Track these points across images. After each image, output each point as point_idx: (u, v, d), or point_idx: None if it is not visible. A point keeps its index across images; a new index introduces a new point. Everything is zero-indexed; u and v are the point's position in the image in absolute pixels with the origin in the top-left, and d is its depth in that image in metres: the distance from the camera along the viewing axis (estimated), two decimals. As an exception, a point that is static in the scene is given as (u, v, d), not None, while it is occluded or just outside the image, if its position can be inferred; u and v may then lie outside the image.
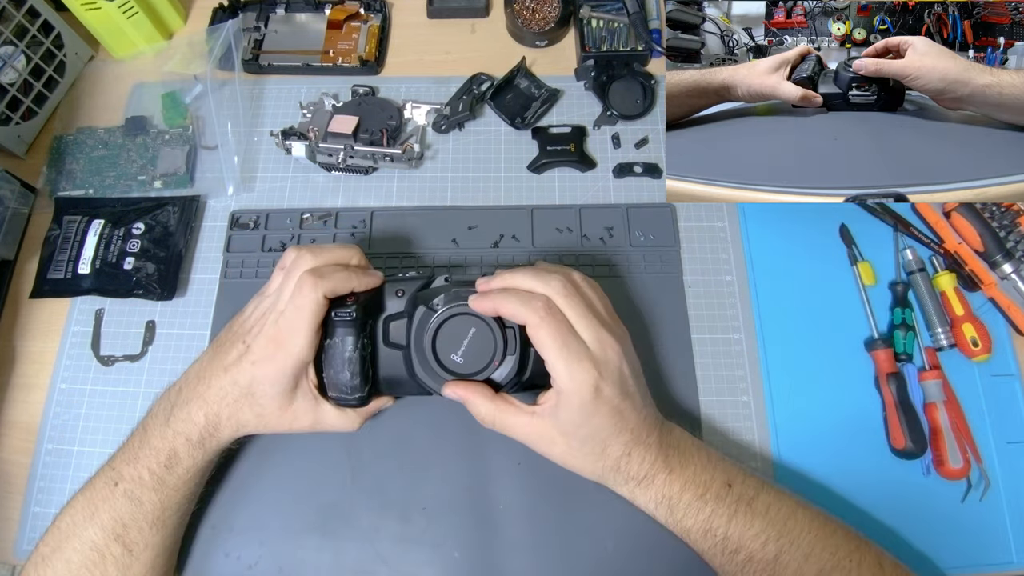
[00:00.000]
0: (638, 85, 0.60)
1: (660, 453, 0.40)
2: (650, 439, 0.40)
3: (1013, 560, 0.46)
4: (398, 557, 0.46)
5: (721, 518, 0.39)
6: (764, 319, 0.53)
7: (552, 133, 0.59)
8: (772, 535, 0.39)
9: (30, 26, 0.57)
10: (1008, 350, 0.52)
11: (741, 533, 0.39)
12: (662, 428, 0.41)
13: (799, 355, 0.51)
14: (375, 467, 0.48)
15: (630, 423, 0.39)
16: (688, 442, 0.42)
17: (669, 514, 0.40)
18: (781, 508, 0.40)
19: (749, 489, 0.40)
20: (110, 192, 0.58)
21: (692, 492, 0.40)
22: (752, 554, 0.39)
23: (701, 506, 0.39)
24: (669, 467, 0.40)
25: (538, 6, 0.64)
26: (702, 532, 0.40)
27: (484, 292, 0.40)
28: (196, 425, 0.40)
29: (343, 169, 0.58)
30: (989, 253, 0.52)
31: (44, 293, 0.53)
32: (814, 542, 0.39)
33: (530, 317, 0.37)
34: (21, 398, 0.52)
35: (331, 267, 0.41)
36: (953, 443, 0.47)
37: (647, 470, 0.40)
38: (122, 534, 0.39)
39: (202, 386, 0.41)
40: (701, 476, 0.40)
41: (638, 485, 0.40)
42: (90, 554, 0.38)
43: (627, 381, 0.39)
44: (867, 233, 0.55)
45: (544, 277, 0.40)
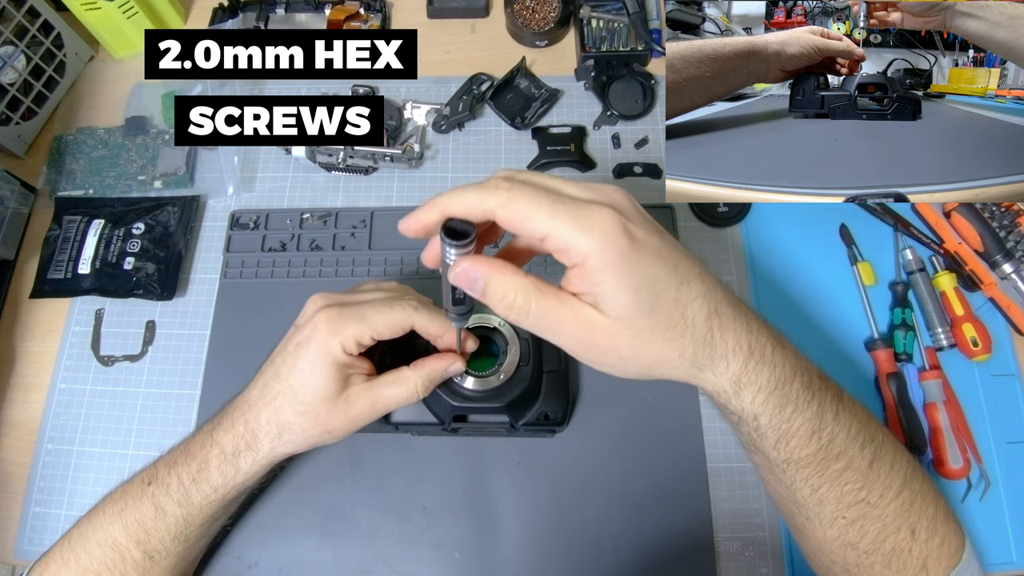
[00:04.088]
0: (638, 85, 0.60)
1: (751, 316, 0.31)
2: (728, 294, 0.30)
3: (1013, 560, 0.46)
4: (398, 557, 0.46)
5: (828, 414, 0.31)
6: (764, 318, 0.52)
7: (552, 133, 0.59)
8: (867, 436, 0.33)
9: (30, 26, 0.57)
10: (1008, 350, 0.52)
11: (845, 434, 0.32)
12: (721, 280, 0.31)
13: (799, 355, 0.51)
14: (375, 467, 0.48)
15: (693, 267, 0.29)
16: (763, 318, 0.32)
17: (779, 409, 0.31)
18: (858, 405, 0.34)
19: (831, 382, 0.33)
20: (110, 192, 0.58)
21: (801, 379, 0.31)
22: (852, 460, 0.32)
23: (809, 398, 0.31)
24: (770, 338, 0.31)
25: (538, 6, 0.64)
26: (810, 432, 0.31)
27: (416, 211, 0.30)
28: (234, 435, 0.37)
29: (343, 169, 0.58)
30: (989, 253, 0.52)
31: (44, 293, 0.53)
32: (894, 446, 0.34)
33: (494, 196, 0.28)
34: (21, 398, 0.52)
35: None
36: (953, 443, 0.47)
37: (747, 339, 0.30)
38: (144, 541, 0.38)
39: (250, 389, 0.38)
40: (799, 360, 0.31)
41: (744, 365, 0.30)
42: (111, 553, 0.38)
43: (652, 222, 0.30)
44: (867, 233, 0.55)
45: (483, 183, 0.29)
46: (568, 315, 0.28)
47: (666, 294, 0.28)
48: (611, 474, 0.47)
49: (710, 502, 0.47)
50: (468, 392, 0.41)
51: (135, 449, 0.50)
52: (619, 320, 0.28)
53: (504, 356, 0.42)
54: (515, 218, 0.28)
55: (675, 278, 0.28)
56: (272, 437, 0.37)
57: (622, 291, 0.27)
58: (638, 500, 0.47)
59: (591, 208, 0.27)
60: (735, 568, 0.46)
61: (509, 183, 0.28)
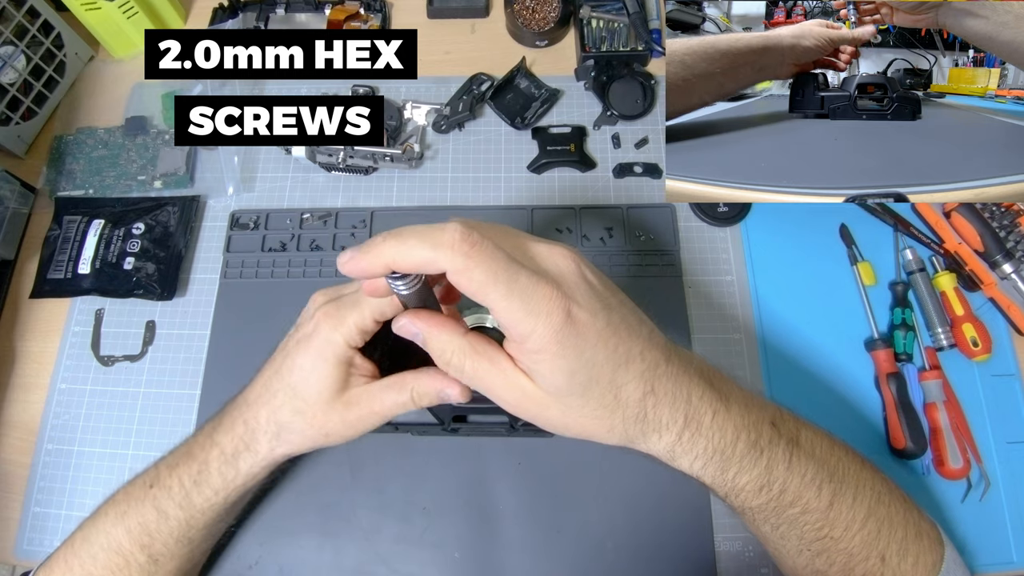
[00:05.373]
0: (638, 85, 0.60)
1: (692, 386, 0.30)
2: (670, 367, 0.30)
3: (1013, 560, 0.46)
4: (398, 557, 0.46)
5: (779, 466, 0.32)
6: (764, 319, 0.53)
7: (552, 133, 0.59)
8: (824, 477, 0.33)
9: (30, 26, 0.57)
10: (1008, 350, 0.52)
11: (799, 481, 0.32)
12: (677, 351, 0.31)
13: (799, 355, 0.51)
14: (375, 467, 0.48)
15: (635, 346, 0.29)
16: (711, 368, 0.32)
17: (721, 472, 0.31)
18: (820, 442, 0.34)
19: (790, 424, 0.33)
20: (110, 192, 0.58)
21: (746, 438, 0.31)
22: (808, 504, 0.32)
23: (756, 456, 0.31)
24: (712, 406, 0.30)
25: (538, 6, 0.64)
26: (757, 488, 0.32)
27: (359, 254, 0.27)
28: (234, 435, 0.37)
29: (343, 169, 0.58)
30: (989, 253, 0.52)
31: (44, 293, 0.54)
32: (856, 478, 0.34)
33: (450, 259, 0.26)
34: (21, 398, 0.52)
35: None
36: (953, 443, 0.47)
37: (684, 411, 0.30)
38: (148, 544, 0.38)
39: (250, 388, 0.38)
40: (748, 415, 0.31)
41: (679, 437, 0.30)
42: (115, 557, 0.38)
43: (600, 292, 0.29)
44: (867, 233, 0.55)
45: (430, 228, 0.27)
46: (500, 380, 0.29)
47: (601, 376, 0.28)
48: (610, 474, 0.47)
49: (710, 501, 0.47)
50: None
51: (135, 449, 0.50)
52: (550, 395, 0.29)
53: None
54: (468, 287, 0.26)
55: (613, 360, 0.28)
56: (270, 436, 0.36)
57: (555, 373, 0.28)
58: (638, 499, 0.47)
59: (539, 286, 0.27)
60: (735, 568, 0.45)
61: (468, 244, 0.26)
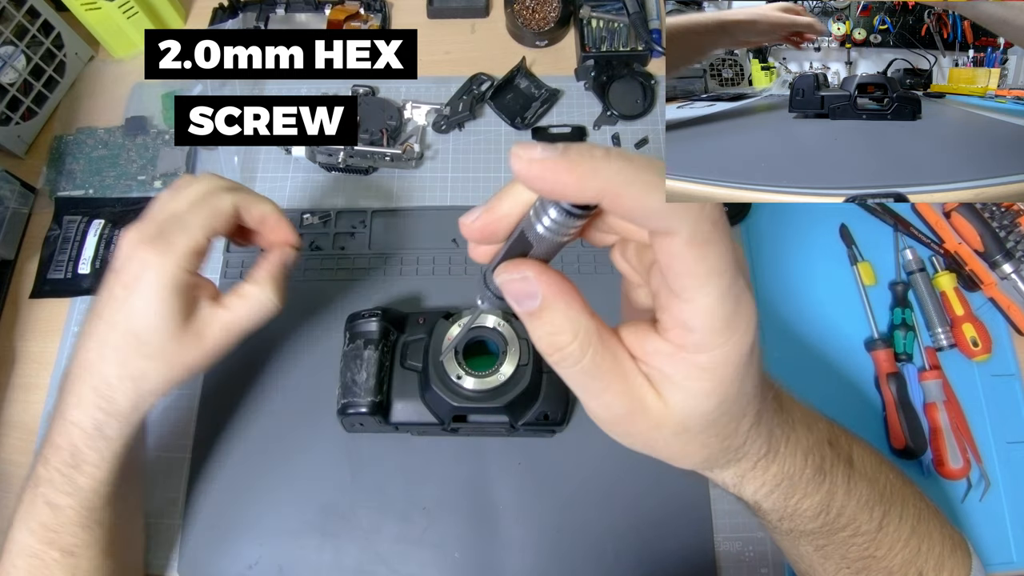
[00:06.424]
0: (638, 85, 0.60)
1: (778, 415, 0.27)
2: (768, 394, 0.26)
3: (1013, 560, 0.46)
4: (398, 557, 0.46)
5: (840, 491, 0.29)
6: (764, 319, 0.52)
7: (552, 133, 0.59)
8: (876, 499, 0.30)
9: (30, 26, 0.57)
10: (1008, 350, 0.52)
11: (855, 504, 0.29)
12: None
13: (799, 355, 0.51)
14: (375, 467, 0.48)
15: (766, 380, 0.25)
16: (778, 386, 0.28)
17: (784, 499, 0.28)
18: (869, 460, 0.31)
19: (843, 442, 0.30)
20: (110, 192, 0.58)
21: (812, 462, 0.28)
22: (859, 527, 0.30)
23: (820, 480, 0.28)
24: (784, 431, 0.27)
25: (538, 6, 0.64)
26: (816, 512, 0.29)
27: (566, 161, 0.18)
28: (88, 407, 0.34)
29: (343, 169, 0.58)
30: (989, 253, 0.52)
31: (44, 293, 0.54)
32: (901, 496, 0.32)
33: (696, 216, 0.18)
34: (21, 398, 0.52)
35: None
36: (953, 443, 0.47)
37: (768, 439, 0.26)
38: (55, 539, 0.36)
39: (82, 353, 0.35)
40: (811, 436, 0.28)
41: (753, 466, 0.26)
42: (33, 561, 0.36)
43: None
44: (867, 233, 0.55)
45: None
46: (619, 385, 0.21)
47: (738, 409, 0.23)
48: (610, 474, 0.47)
49: (710, 501, 0.47)
50: (468, 392, 0.41)
51: (135, 449, 0.50)
52: (676, 415, 0.22)
53: (503, 356, 0.42)
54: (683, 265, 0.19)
55: (757, 396, 0.23)
56: (129, 393, 0.34)
57: (709, 397, 0.21)
58: (638, 499, 0.47)
59: (749, 296, 0.20)
60: (735, 568, 0.45)
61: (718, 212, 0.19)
